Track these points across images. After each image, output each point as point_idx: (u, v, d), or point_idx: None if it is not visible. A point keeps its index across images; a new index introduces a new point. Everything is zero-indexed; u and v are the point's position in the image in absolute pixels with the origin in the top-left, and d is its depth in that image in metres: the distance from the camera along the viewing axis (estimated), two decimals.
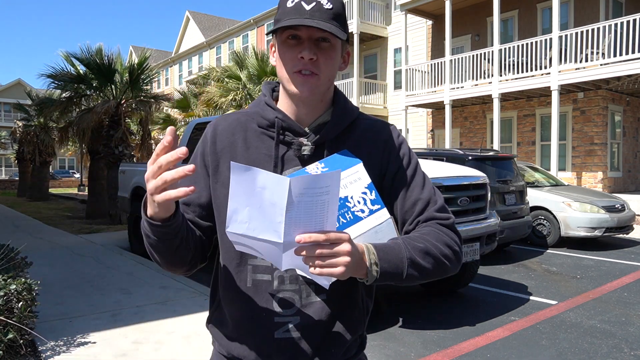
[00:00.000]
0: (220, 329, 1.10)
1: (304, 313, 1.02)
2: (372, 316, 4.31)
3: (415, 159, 1.12)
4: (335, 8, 0.98)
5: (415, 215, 1.06)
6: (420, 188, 1.08)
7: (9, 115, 43.31)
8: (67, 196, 21.51)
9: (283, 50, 1.00)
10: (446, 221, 1.06)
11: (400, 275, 0.95)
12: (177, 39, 33.47)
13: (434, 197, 1.08)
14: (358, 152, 1.05)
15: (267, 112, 1.07)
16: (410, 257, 0.95)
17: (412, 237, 1.00)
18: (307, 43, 0.97)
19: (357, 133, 1.09)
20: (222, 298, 1.10)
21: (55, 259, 6.60)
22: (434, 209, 1.06)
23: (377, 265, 0.91)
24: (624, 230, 8.05)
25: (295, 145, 1.04)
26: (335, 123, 1.06)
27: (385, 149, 1.09)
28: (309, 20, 0.94)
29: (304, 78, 0.99)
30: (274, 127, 1.05)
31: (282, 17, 0.98)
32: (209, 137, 1.09)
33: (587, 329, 4.11)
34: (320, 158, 1.04)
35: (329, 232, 0.82)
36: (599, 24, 11.15)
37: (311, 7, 0.96)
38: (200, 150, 1.10)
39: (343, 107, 1.09)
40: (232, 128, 1.08)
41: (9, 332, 3.12)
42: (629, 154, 14.01)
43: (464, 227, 4.22)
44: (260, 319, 1.03)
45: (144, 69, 11.72)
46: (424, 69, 15.30)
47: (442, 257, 0.99)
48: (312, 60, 0.97)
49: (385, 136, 1.10)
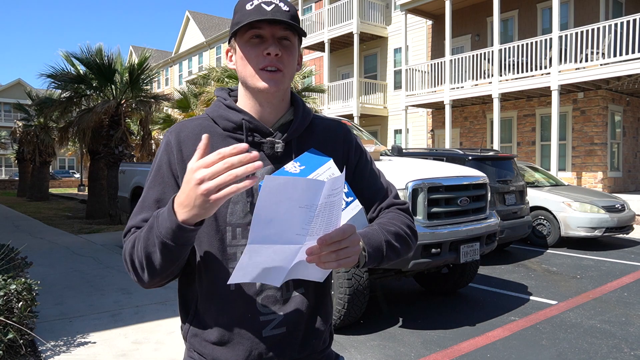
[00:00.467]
0: (202, 338, 1.08)
1: (286, 308, 1.07)
2: (372, 316, 4.29)
3: (368, 153, 1.23)
4: (291, 11, 1.04)
5: (377, 202, 1.17)
6: (377, 178, 1.19)
7: (9, 115, 43.31)
8: (67, 196, 21.51)
9: (247, 50, 1.03)
10: (403, 206, 1.18)
11: (381, 257, 1.04)
12: (177, 39, 33.46)
13: (390, 185, 1.21)
14: (322, 150, 1.11)
15: (231, 115, 1.08)
16: (387, 239, 1.05)
17: (384, 223, 1.10)
18: (271, 40, 1.02)
19: (317, 132, 1.15)
20: (201, 307, 1.08)
21: (55, 259, 6.60)
22: (392, 196, 1.19)
23: (365, 251, 1.00)
24: (624, 230, 8.04)
25: (268, 144, 1.08)
26: (300, 121, 1.12)
27: (343, 145, 1.17)
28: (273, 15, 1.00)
29: (270, 74, 1.03)
30: (241, 129, 1.07)
31: (243, 19, 1.02)
32: (173, 144, 1.07)
33: (587, 329, 4.11)
34: (289, 156, 1.08)
35: (343, 229, 0.87)
36: (599, 24, 11.15)
37: (271, 9, 1.01)
38: (166, 160, 1.07)
39: (303, 107, 1.15)
40: (196, 134, 1.06)
41: (9, 332, 3.12)
42: (629, 154, 14.01)
43: (464, 227, 4.22)
44: (247, 320, 1.05)
45: (144, 69, 11.72)
46: (424, 69, 15.30)
47: (407, 237, 1.11)
48: (277, 56, 1.02)
49: (342, 133, 1.18)
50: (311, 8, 20.83)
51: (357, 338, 3.88)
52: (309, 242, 0.85)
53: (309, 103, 13.58)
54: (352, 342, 3.78)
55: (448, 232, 4.09)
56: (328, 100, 17.76)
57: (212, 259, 1.05)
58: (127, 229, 1.03)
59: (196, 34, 31.14)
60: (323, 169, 1.05)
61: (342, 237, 0.86)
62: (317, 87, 14.20)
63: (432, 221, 4.10)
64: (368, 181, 1.18)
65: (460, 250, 4.11)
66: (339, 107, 17.28)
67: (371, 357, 3.51)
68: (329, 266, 0.87)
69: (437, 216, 4.17)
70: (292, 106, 1.15)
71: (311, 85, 14.16)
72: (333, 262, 0.87)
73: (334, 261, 0.87)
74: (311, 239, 0.85)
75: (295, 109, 1.13)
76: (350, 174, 1.15)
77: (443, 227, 4.13)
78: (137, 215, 1.03)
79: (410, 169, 4.41)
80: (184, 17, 32.72)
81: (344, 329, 3.99)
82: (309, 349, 1.11)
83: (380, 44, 18.32)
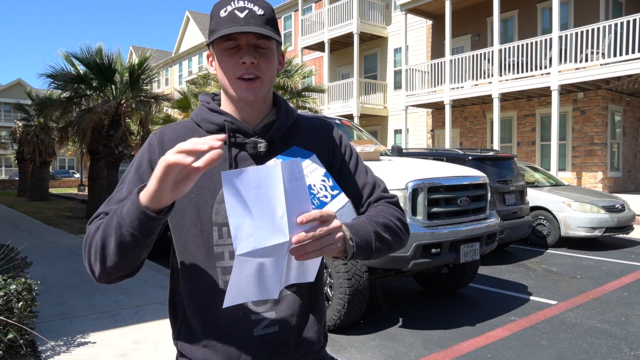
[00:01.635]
0: (192, 341, 1.07)
1: (278, 307, 1.07)
2: (372, 316, 4.29)
3: (355, 150, 1.24)
4: (266, 14, 1.04)
5: (365, 197, 1.17)
6: (364, 174, 1.20)
7: (9, 115, 43.30)
8: (67, 196, 21.51)
9: (223, 59, 1.04)
10: (392, 199, 1.18)
11: (370, 248, 1.03)
12: (177, 39, 33.47)
13: (378, 180, 1.21)
14: (307, 149, 1.13)
15: (214, 117, 1.10)
16: (375, 230, 1.04)
17: (372, 215, 1.10)
18: (246, 49, 1.02)
19: (301, 132, 1.16)
20: (188, 308, 1.08)
21: (55, 259, 6.60)
22: (380, 190, 1.19)
23: (352, 241, 0.98)
24: (624, 230, 8.04)
25: (251, 144, 1.08)
26: (282, 121, 1.13)
27: (329, 143, 1.18)
28: (245, 26, 0.99)
29: (246, 83, 1.03)
30: (224, 130, 1.08)
31: (218, 27, 1.02)
32: (155, 144, 1.08)
33: (587, 329, 4.11)
34: (272, 155, 1.09)
35: (320, 210, 0.87)
36: (599, 24, 11.15)
37: (245, 15, 1.01)
38: (147, 157, 1.08)
39: (285, 107, 1.15)
40: (180, 136, 1.08)
41: (9, 332, 3.12)
42: (629, 154, 14.01)
43: (464, 227, 4.22)
44: (237, 319, 1.04)
45: (144, 69, 11.72)
46: (424, 69, 15.30)
47: (397, 229, 1.11)
48: (253, 64, 1.02)
49: (328, 131, 1.20)
50: (311, 8, 20.82)
51: (357, 338, 3.88)
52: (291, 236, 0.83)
53: (309, 103, 13.57)
54: (352, 342, 3.78)
55: (448, 232, 4.09)
56: (328, 100, 17.76)
57: (199, 260, 1.05)
58: (95, 215, 1.01)
59: (196, 34, 31.14)
60: (306, 163, 1.07)
61: (319, 216, 0.85)
62: (317, 87, 14.21)
63: (432, 221, 4.10)
64: (356, 177, 1.18)
65: (460, 250, 4.11)
66: (339, 107, 17.28)
67: (371, 357, 3.51)
68: (315, 255, 0.86)
69: (437, 216, 4.17)
70: (275, 107, 1.16)
71: (311, 85, 14.17)
72: (317, 251, 0.86)
73: (318, 249, 0.86)
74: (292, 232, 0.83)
75: (278, 110, 1.14)
76: (337, 171, 1.16)
77: (443, 227, 4.12)
78: (109, 204, 1.02)
79: (410, 169, 4.41)
80: (184, 17, 32.73)
81: (344, 329, 3.99)
82: (303, 349, 1.10)
83: (380, 44, 18.32)
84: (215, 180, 1.05)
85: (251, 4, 1.03)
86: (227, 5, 1.02)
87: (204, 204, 1.05)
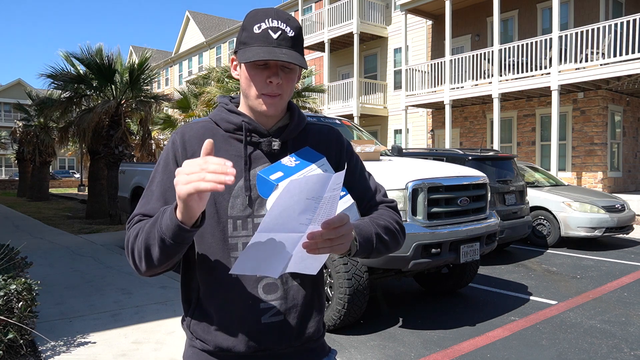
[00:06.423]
0: (205, 325, 1.15)
1: (285, 297, 1.15)
2: (372, 316, 4.28)
3: (358, 156, 1.33)
4: (296, 34, 1.11)
5: (367, 200, 1.26)
6: (367, 179, 1.29)
7: (9, 115, 43.30)
8: (67, 196, 21.51)
9: (252, 73, 1.11)
10: (392, 204, 1.28)
11: (371, 248, 1.12)
12: (177, 39, 33.46)
13: (379, 186, 1.30)
14: (316, 151, 1.20)
15: (232, 118, 1.18)
16: (377, 232, 1.14)
17: (374, 217, 1.19)
18: (274, 69, 1.09)
19: (311, 135, 1.25)
20: (203, 296, 1.15)
21: (55, 259, 6.61)
22: (381, 194, 1.28)
23: (356, 240, 1.08)
24: (624, 230, 8.04)
25: (265, 142, 1.17)
26: (296, 124, 1.22)
27: (336, 148, 1.27)
28: (279, 51, 1.07)
29: (271, 99, 1.12)
30: (241, 130, 1.16)
31: (250, 42, 1.09)
32: (178, 142, 1.16)
33: (587, 329, 4.11)
34: (285, 155, 1.17)
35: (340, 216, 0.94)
36: (599, 24, 11.15)
37: (278, 36, 1.08)
38: (172, 155, 1.16)
39: (299, 113, 1.24)
40: (200, 134, 1.17)
41: (9, 332, 3.12)
42: (629, 154, 14.01)
43: (464, 227, 4.22)
44: (247, 306, 1.13)
45: (144, 69, 11.72)
46: (424, 69, 15.30)
47: (396, 232, 1.20)
48: (278, 85, 1.10)
49: (335, 137, 1.29)
50: (311, 8, 20.82)
51: (357, 338, 3.88)
52: (309, 231, 0.91)
53: (309, 103, 13.58)
54: (352, 342, 3.78)
55: (448, 232, 4.09)
56: (328, 100, 17.76)
57: (214, 250, 1.13)
58: (131, 216, 1.10)
59: (196, 34, 31.14)
60: (317, 164, 1.14)
61: (340, 224, 0.92)
62: (317, 87, 14.20)
63: (432, 221, 4.10)
64: (358, 181, 1.27)
65: (460, 250, 4.11)
66: (339, 107, 17.28)
67: (371, 357, 3.52)
68: (324, 251, 0.93)
69: (437, 216, 4.17)
70: (288, 112, 1.23)
71: (311, 85, 14.16)
72: (327, 248, 0.93)
73: (329, 247, 0.93)
74: (312, 228, 0.91)
75: (291, 114, 1.23)
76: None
77: (443, 227, 4.13)
78: (144, 205, 1.12)
79: (410, 169, 4.41)
80: (184, 17, 32.72)
81: (344, 329, 3.99)
82: (304, 337, 1.18)
83: (380, 44, 18.32)
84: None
85: (284, 25, 1.09)
86: (262, 22, 1.09)
87: (220, 198, 1.13)
